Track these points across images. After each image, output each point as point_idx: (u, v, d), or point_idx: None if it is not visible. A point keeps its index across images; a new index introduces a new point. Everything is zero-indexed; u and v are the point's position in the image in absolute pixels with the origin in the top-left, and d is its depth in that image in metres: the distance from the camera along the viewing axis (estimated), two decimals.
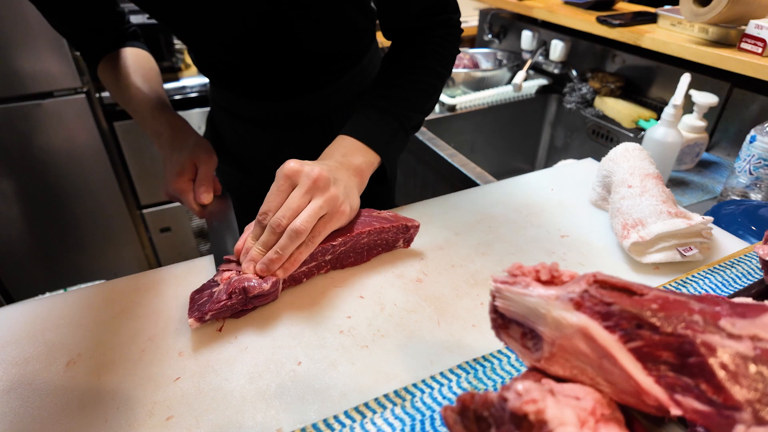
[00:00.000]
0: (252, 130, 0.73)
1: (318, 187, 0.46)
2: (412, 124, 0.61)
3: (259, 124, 0.72)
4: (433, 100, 0.64)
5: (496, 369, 0.39)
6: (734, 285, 0.48)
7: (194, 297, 0.46)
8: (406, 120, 0.59)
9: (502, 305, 0.29)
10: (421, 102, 0.61)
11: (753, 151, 0.75)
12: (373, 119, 0.58)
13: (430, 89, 0.62)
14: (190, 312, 0.44)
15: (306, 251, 0.47)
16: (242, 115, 0.72)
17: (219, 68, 0.68)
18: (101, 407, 0.38)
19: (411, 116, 0.60)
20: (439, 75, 0.63)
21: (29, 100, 1.32)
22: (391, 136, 0.58)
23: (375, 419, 0.36)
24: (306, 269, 0.50)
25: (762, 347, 0.20)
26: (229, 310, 0.45)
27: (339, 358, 0.42)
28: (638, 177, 0.57)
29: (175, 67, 1.59)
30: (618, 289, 0.25)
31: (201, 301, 0.45)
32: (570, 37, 1.30)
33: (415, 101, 0.60)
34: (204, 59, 0.67)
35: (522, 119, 1.37)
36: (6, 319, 0.47)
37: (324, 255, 0.50)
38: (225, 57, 0.64)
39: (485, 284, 0.51)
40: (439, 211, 0.63)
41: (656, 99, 1.14)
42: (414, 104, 0.60)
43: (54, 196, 1.48)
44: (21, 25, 1.22)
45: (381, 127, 0.57)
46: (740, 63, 0.87)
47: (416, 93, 0.60)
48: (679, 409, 0.21)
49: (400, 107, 0.59)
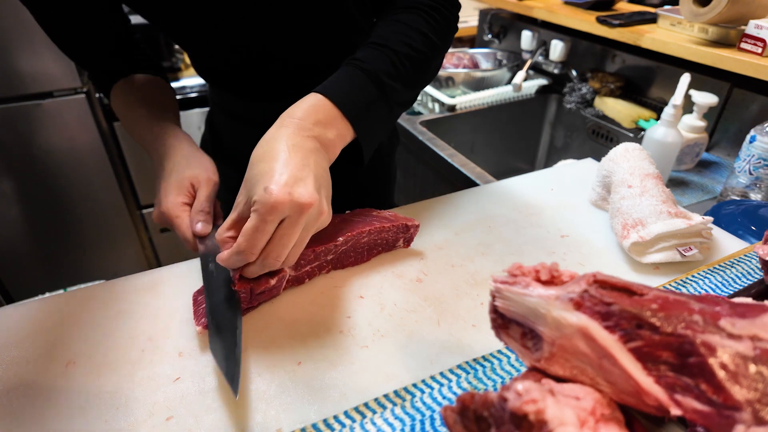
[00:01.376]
0: (251, 130, 0.73)
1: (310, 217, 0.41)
2: (398, 99, 0.52)
3: (258, 125, 0.71)
4: (425, 73, 0.55)
5: (496, 369, 0.39)
6: (734, 285, 0.48)
7: (197, 299, 0.46)
8: (391, 92, 0.50)
9: (502, 305, 0.29)
10: (411, 73, 0.52)
11: (753, 151, 0.75)
12: (356, 85, 0.49)
13: (422, 59, 0.53)
14: (197, 318, 0.44)
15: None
16: (241, 116, 0.72)
17: (217, 69, 0.67)
18: (101, 407, 0.38)
19: (396, 88, 0.51)
20: (433, 46, 0.54)
21: (29, 101, 1.32)
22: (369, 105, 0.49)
23: (375, 419, 0.36)
24: (309, 269, 0.50)
25: (762, 347, 0.20)
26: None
27: (339, 358, 0.42)
28: (638, 177, 0.57)
29: (175, 67, 1.59)
30: (618, 289, 0.25)
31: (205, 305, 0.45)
32: (570, 37, 1.30)
33: (403, 70, 0.51)
34: (202, 61, 0.67)
35: (522, 119, 1.37)
36: (6, 319, 0.47)
37: (326, 255, 0.50)
38: (223, 58, 0.63)
39: (485, 284, 0.51)
40: (439, 211, 0.63)
41: (656, 99, 1.14)
42: (401, 74, 0.51)
43: (54, 196, 1.48)
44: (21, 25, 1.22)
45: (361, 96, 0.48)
46: (740, 63, 0.87)
47: (404, 60, 0.51)
48: (679, 409, 0.21)
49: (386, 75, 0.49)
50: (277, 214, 0.39)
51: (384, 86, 0.49)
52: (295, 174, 0.40)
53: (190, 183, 0.53)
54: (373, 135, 0.51)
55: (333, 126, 0.46)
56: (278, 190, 0.38)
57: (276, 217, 0.39)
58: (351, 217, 0.54)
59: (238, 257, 0.40)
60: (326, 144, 0.45)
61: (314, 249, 0.48)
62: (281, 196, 0.38)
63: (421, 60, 0.53)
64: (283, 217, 0.39)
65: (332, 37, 0.64)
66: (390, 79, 0.50)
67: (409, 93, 0.54)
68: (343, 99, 0.47)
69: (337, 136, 0.46)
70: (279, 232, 0.40)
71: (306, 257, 0.48)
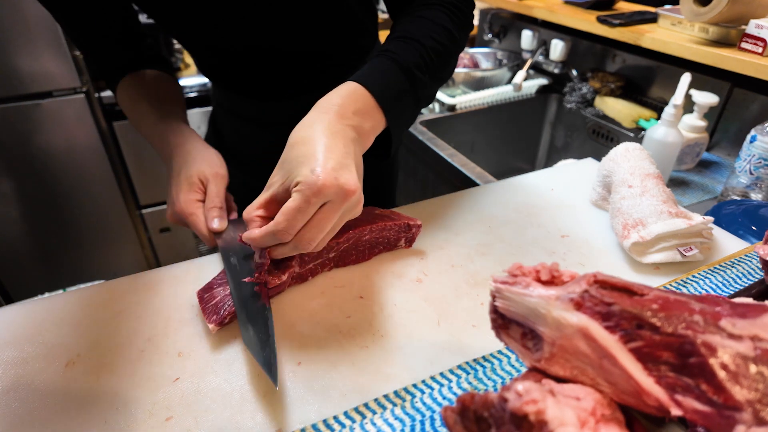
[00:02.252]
0: (254, 129, 0.73)
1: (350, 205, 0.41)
2: (424, 92, 0.52)
3: (261, 124, 0.72)
4: (448, 68, 0.56)
5: (496, 369, 0.39)
6: (735, 285, 0.48)
7: (203, 297, 0.46)
8: (420, 85, 0.50)
9: (503, 305, 0.29)
10: (437, 67, 0.52)
11: (753, 150, 0.75)
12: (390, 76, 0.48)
13: (446, 54, 0.53)
14: (208, 317, 0.44)
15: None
16: (244, 115, 0.72)
17: (219, 68, 0.68)
18: (100, 408, 0.38)
19: (425, 81, 0.51)
20: (455, 42, 0.54)
21: (28, 100, 1.32)
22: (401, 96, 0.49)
23: (375, 420, 0.36)
24: (312, 266, 0.50)
25: (762, 347, 0.20)
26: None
27: (339, 359, 0.42)
28: (639, 177, 0.57)
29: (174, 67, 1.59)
30: (618, 289, 0.25)
31: (214, 302, 0.45)
32: (570, 36, 1.30)
33: (431, 64, 0.51)
34: (204, 59, 0.67)
35: (522, 119, 1.37)
36: (5, 320, 0.47)
37: (328, 252, 0.50)
38: (224, 57, 0.63)
39: (485, 284, 0.50)
40: (439, 211, 0.63)
41: (656, 99, 1.14)
42: (429, 67, 0.51)
43: (53, 196, 1.48)
44: (20, 24, 1.22)
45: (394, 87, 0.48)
46: (740, 63, 0.86)
47: (432, 54, 0.51)
48: (679, 409, 0.21)
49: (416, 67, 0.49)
50: (322, 197, 0.38)
51: (414, 78, 0.49)
52: (340, 160, 0.40)
53: (199, 179, 0.53)
54: (401, 127, 0.51)
55: (370, 116, 0.46)
56: (325, 173, 0.38)
57: (320, 200, 0.39)
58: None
59: (273, 237, 0.40)
60: (362, 134, 0.45)
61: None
62: (329, 179, 0.38)
63: (446, 54, 0.53)
64: (326, 200, 0.39)
65: (335, 36, 0.64)
66: (419, 72, 0.50)
67: (433, 87, 0.54)
68: (379, 90, 0.46)
69: (372, 127, 0.46)
70: (318, 215, 0.40)
71: (309, 253, 0.48)
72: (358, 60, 0.70)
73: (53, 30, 1.26)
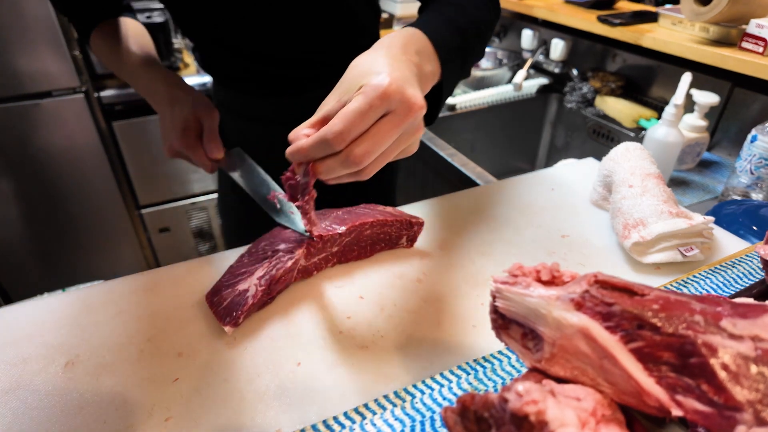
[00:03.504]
0: (256, 128, 0.73)
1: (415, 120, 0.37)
2: (469, 57, 0.50)
3: (264, 122, 0.72)
4: (484, 45, 0.54)
5: (496, 370, 0.39)
6: (735, 285, 0.48)
7: (213, 300, 0.46)
8: (470, 47, 0.49)
9: (503, 306, 0.29)
10: (478, 37, 0.51)
11: (754, 150, 0.75)
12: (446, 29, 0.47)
13: (485, 29, 0.52)
14: (221, 319, 0.44)
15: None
16: (246, 114, 0.73)
17: (223, 65, 0.68)
18: (100, 408, 0.38)
19: (472, 45, 0.50)
20: (487, 23, 0.53)
21: (27, 100, 1.32)
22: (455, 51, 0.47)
23: (375, 420, 0.36)
24: (317, 260, 0.51)
25: (763, 348, 0.20)
26: (257, 305, 0.45)
27: (339, 359, 0.42)
28: (639, 177, 0.57)
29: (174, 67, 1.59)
30: (619, 290, 0.25)
31: (225, 304, 0.45)
32: (570, 36, 1.29)
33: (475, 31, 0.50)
34: (208, 56, 0.68)
35: (522, 119, 1.37)
36: (4, 320, 0.47)
37: (331, 246, 0.50)
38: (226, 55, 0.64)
39: (485, 284, 0.50)
40: (439, 211, 0.63)
41: (657, 98, 1.14)
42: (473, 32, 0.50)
43: (52, 196, 1.47)
44: (19, 24, 1.22)
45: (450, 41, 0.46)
46: (741, 62, 0.86)
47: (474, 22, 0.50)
48: (680, 409, 0.21)
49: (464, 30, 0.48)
50: (387, 102, 0.35)
51: (466, 38, 0.48)
52: (407, 76, 0.37)
53: (195, 119, 0.58)
54: (450, 86, 0.49)
55: (430, 60, 0.43)
56: (393, 79, 0.35)
57: (383, 106, 0.35)
58: (356, 210, 0.55)
59: (324, 144, 0.35)
60: (422, 76, 0.42)
61: (321, 236, 0.49)
62: (396, 86, 0.35)
63: (485, 29, 0.52)
64: (389, 109, 0.35)
65: (335, 34, 0.64)
66: (470, 35, 0.49)
67: (473, 57, 0.52)
68: (440, 39, 0.44)
69: (432, 72, 0.43)
70: (377, 126, 0.35)
71: (315, 245, 0.49)
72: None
73: (53, 30, 1.26)
